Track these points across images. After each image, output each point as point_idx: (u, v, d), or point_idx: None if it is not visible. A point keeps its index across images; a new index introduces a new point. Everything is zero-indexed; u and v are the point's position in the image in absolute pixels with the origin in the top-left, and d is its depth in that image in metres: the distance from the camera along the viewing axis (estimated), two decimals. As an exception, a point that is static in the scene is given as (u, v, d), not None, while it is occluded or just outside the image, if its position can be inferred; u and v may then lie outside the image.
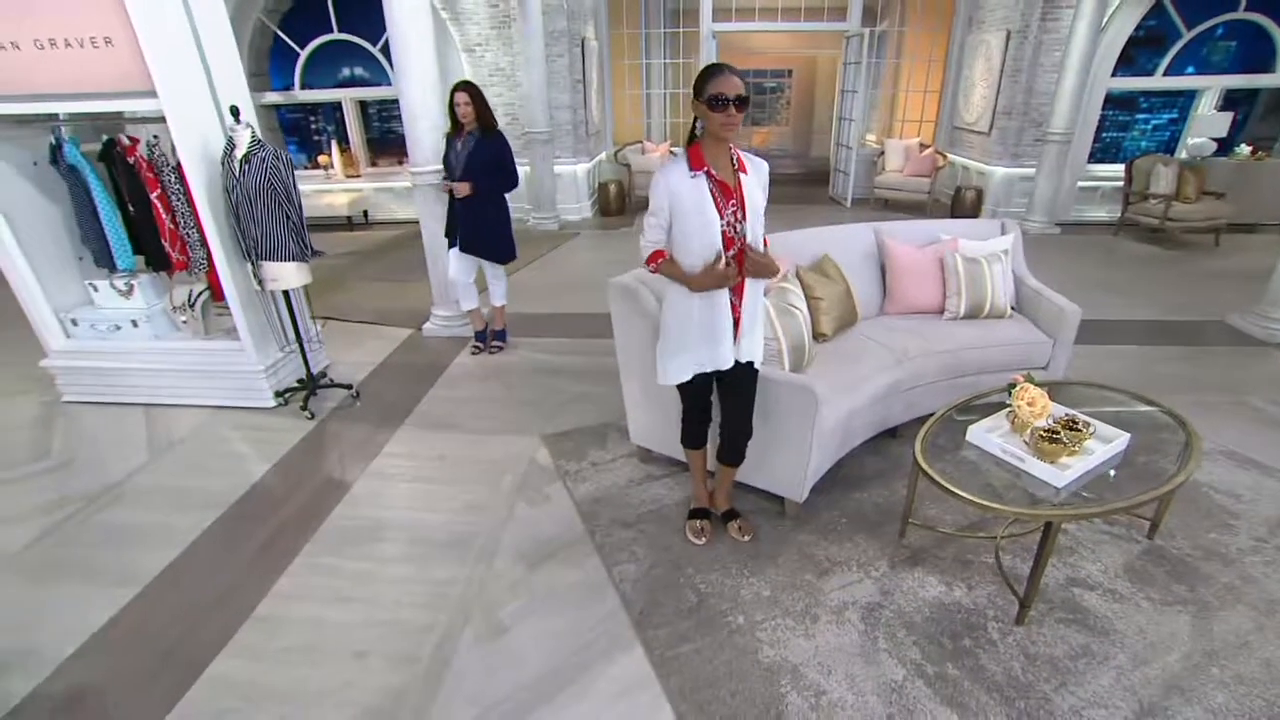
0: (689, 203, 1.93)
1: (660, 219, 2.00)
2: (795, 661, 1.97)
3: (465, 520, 2.69)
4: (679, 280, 2.03)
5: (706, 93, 1.84)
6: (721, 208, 1.94)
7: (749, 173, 1.99)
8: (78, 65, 2.90)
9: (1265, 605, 2.15)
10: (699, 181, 1.93)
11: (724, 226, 1.95)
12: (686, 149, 1.97)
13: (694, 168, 1.93)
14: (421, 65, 3.92)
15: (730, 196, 1.94)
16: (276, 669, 2.04)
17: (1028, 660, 1.97)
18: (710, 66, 1.88)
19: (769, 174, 2.07)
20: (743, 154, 2.01)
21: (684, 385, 2.23)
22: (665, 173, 1.96)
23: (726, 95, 1.82)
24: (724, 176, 1.95)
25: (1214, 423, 3.23)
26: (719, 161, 1.95)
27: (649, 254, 2.07)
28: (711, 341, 2.08)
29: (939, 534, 2.48)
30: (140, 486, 3.01)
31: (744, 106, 1.86)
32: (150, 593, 2.36)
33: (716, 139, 1.91)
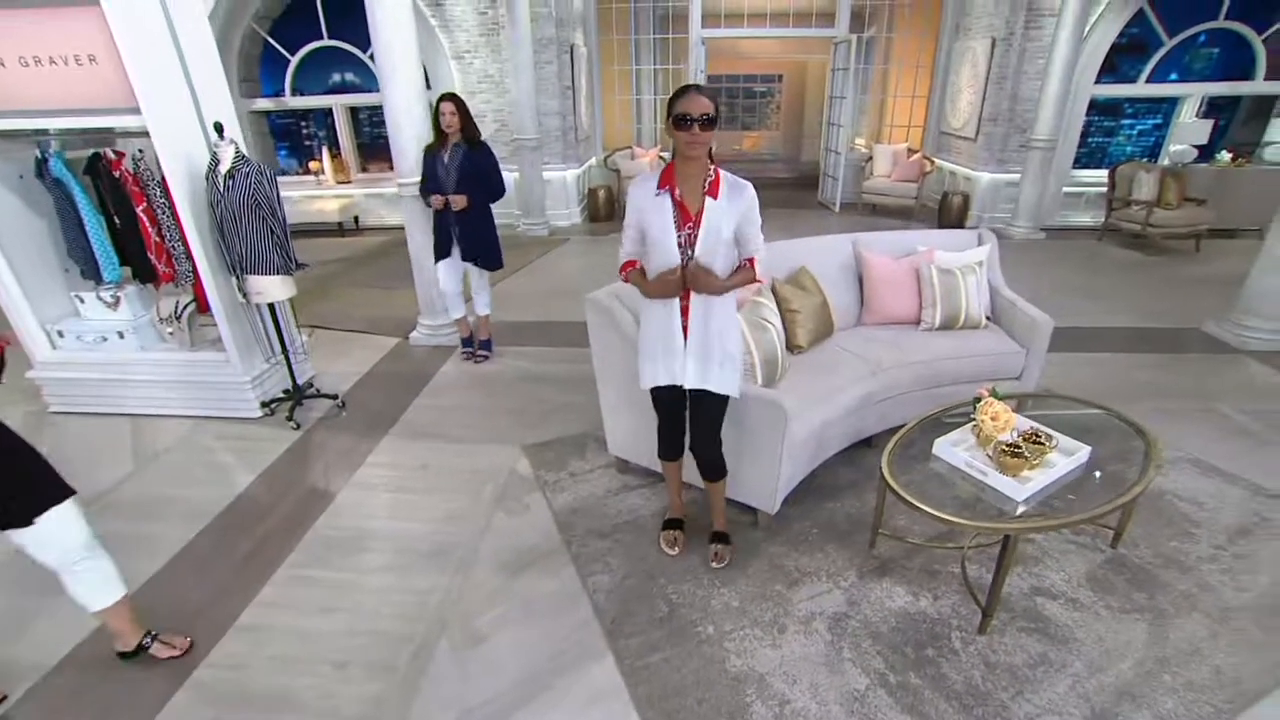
0: (650, 219, 1.99)
1: (633, 231, 2.07)
2: (761, 671, 2.03)
3: (446, 530, 2.74)
4: (640, 289, 2.11)
5: (673, 112, 1.87)
6: (678, 228, 1.97)
7: (721, 198, 1.95)
8: (62, 82, 2.93)
9: (1219, 613, 2.22)
10: (662, 200, 1.97)
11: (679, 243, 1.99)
12: (664, 167, 2.01)
13: (660, 186, 1.97)
14: (406, 76, 3.97)
15: (688, 219, 1.96)
16: (259, 678, 2.09)
17: (988, 669, 2.03)
18: (681, 88, 1.89)
19: (753, 198, 2.00)
20: (725, 177, 1.98)
21: (654, 396, 2.28)
22: (636, 186, 2.03)
23: (691, 115, 1.83)
24: (687, 199, 1.96)
25: (1182, 430, 3.30)
26: (688, 183, 1.96)
27: (622, 263, 2.14)
28: (667, 353, 2.13)
29: (908, 544, 2.54)
30: (125, 497, 3.05)
31: (710, 126, 1.85)
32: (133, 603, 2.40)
33: (687, 159, 1.93)
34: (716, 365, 2.11)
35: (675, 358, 2.12)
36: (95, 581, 2.00)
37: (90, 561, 1.98)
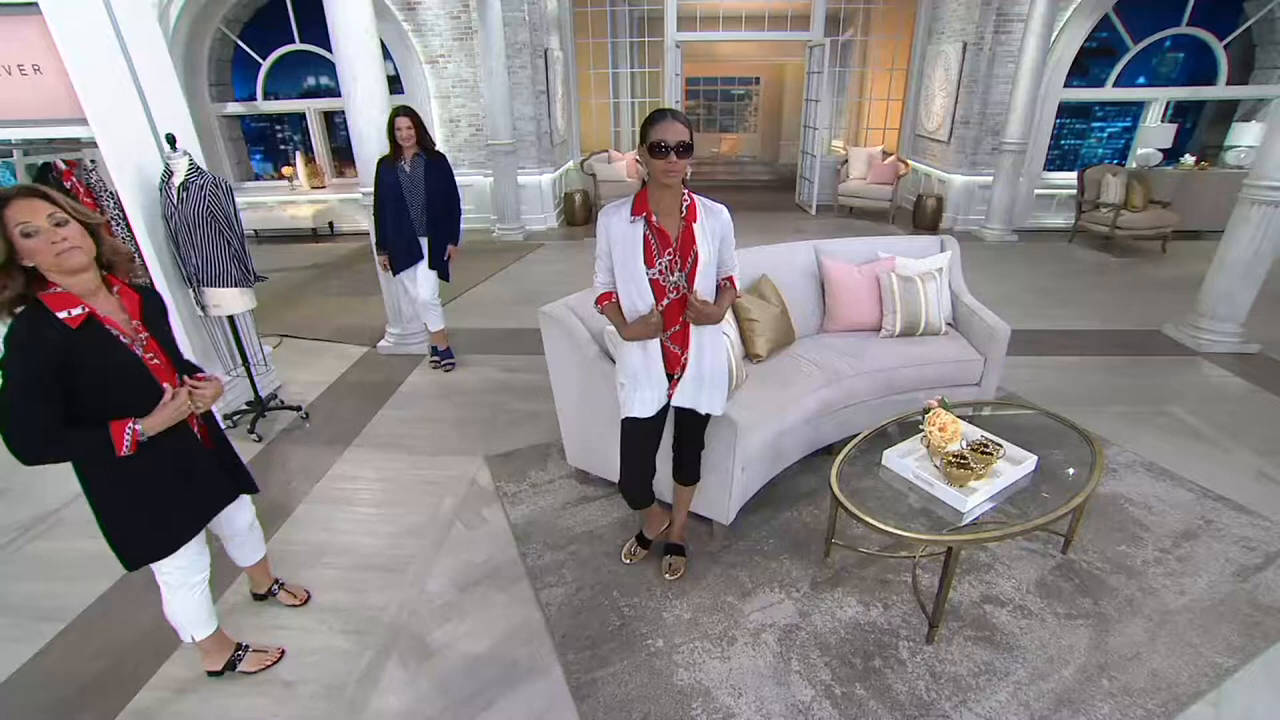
0: (622, 248, 1.92)
1: (604, 261, 2.00)
2: (708, 684, 2.04)
3: (403, 544, 2.72)
4: (617, 326, 2.05)
5: (649, 139, 1.81)
6: (654, 256, 1.91)
7: (700, 221, 1.92)
8: (7, 92, 2.88)
9: (1159, 616, 2.26)
10: (636, 227, 1.90)
11: (654, 275, 1.92)
12: (637, 192, 1.94)
13: (635, 212, 1.90)
14: (369, 88, 3.94)
15: (668, 245, 1.91)
16: (201, 702, 2.06)
17: (932, 679, 2.05)
18: (654, 112, 1.83)
19: (729, 221, 1.98)
20: (700, 201, 1.95)
21: (629, 427, 2.17)
22: (607, 214, 1.95)
23: (667, 142, 1.78)
24: (666, 224, 1.90)
25: (1136, 434, 3.36)
26: (664, 206, 1.90)
27: (598, 295, 2.08)
28: (649, 385, 2.06)
29: (861, 554, 2.56)
30: (77, 514, 2.99)
31: (687, 153, 1.81)
32: (78, 624, 2.37)
33: (662, 186, 1.86)
34: (708, 387, 2.08)
35: (656, 389, 2.06)
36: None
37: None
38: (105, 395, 1.56)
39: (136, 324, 1.64)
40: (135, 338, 1.63)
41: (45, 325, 1.47)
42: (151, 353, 1.66)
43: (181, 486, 1.77)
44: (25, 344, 1.45)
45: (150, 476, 1.68)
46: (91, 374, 1.52)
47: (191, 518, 1.83)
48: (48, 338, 1.46)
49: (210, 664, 2.11)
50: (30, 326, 1.47)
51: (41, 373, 1.45)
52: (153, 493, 1.71)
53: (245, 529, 2.16)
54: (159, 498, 1.73)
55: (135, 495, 1.69)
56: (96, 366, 1.53)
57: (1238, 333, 4.39)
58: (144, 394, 1.62)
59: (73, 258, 1.47)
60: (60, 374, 1.47)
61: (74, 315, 1.50)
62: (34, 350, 1.45)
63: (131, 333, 1.62)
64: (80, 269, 1.51)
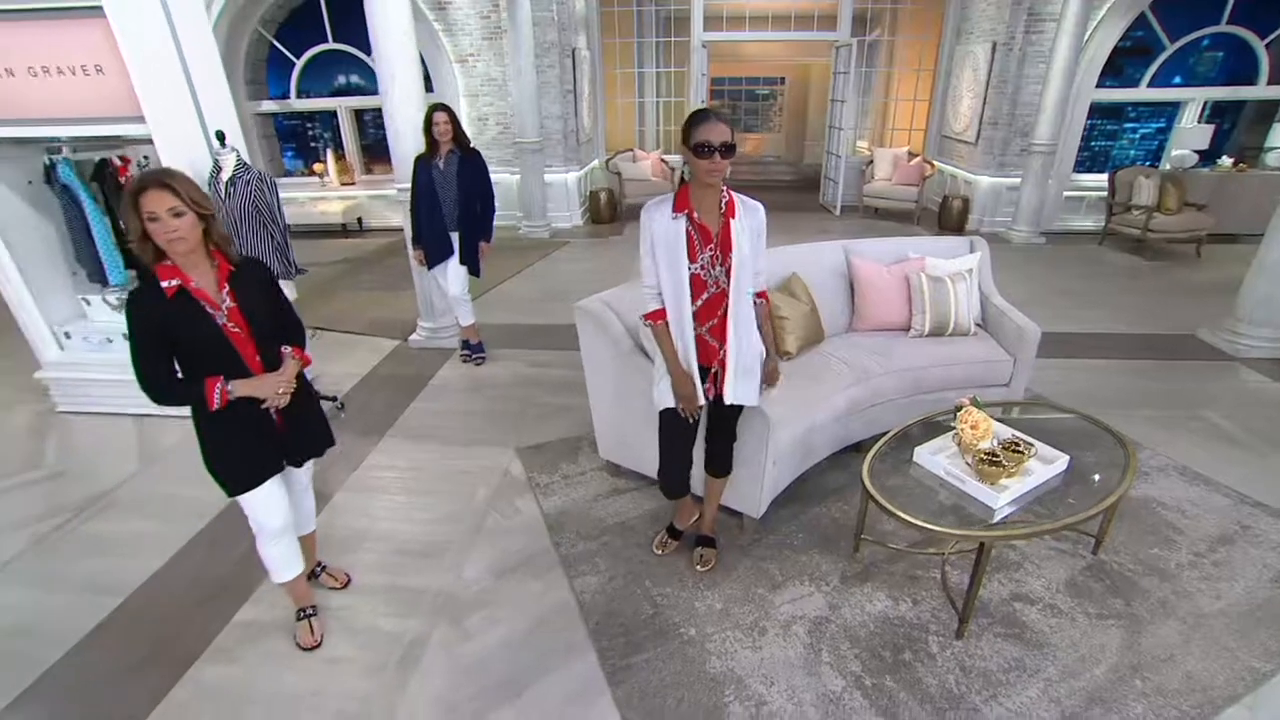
0: (665, 243, 1.97)
1: (648, 260, 2.03)
2: (740, 673, 2.08)
3: (439, 531, 2.80)
4: (663, 350, 2.09)
5: (693, 139, 1.85)
6: (696, 251, 1.96)
7: (738, 217, 1.98)
8: (70, 92, 3.01)
9: (1194, 619, 2.25)
10: (679, 223, 1.95)
11: (696, 270, 1.97)
12: (676, 190, 2.00)
13: (676, 209, 1.95)
14: (406, 85, 4.03)
15: (709, 240, 1.96)
16: (254, 673, 2.16)
17: (963, 673, 2.07)
18: (697, 112, 1.87)
19: (764, 219, 2.04)
20: (738, 198, 2.00)
21: (667, 418, 2.22)
22: (649, 211, 2.00)
23: (711, 143, 1.82)
24: (706, 220, 1.96)
25: (1169, 438, 3.33)
26: (704, 204, 1.95)
27: (651, 309, 2.09)
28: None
29: (891, 550, 2.58)
30: (130, 495, 3.13)
31: (729, 153, 1.85)
32: (135, 598, 2.48)
33: (705, 185, 1.92)
34: (744, 378, 2.12)
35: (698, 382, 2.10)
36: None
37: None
38: (194, 356, 1.81)
39: (225, 294, 1.80)
40: (220, 308, 1.79)
41: (149, 294, 1.74)
42: (234, 322, 1.82)
43: (257, 436, 1.97)
44: (131, 309, 1.73)
45: (234, 423, 1.89)
46: (183, 337, 1.77)
47: (263, 464, 2.01)
48: (145, 304, 1.73)
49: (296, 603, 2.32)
50: (139, 294, 1.75)
51: (141, 333, 1.73)
52: (235, 436, 1.93)
53: (302, 490, 2.31)
54: (240, 441, 1.94)
55: (223, 435, 1.93)
56: (187, 332, 1.76)
57: (1277, 338, 4.31)
58: (224, 359, 1.83)
59: (177, 245, 1.70)
60: (160, 335, 1.74)
61: (170, 286, 1.73)
62: (136, 315, 1.73)
63: (218, 303, 1.79)
64: (185, 252, 1.72)
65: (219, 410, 1.82)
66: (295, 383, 1.98)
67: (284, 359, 1.97)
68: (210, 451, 1.95)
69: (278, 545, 2.13)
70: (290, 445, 2.08)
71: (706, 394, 2.12)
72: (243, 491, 2.00)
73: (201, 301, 1.76)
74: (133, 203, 1.64)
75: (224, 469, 1.97)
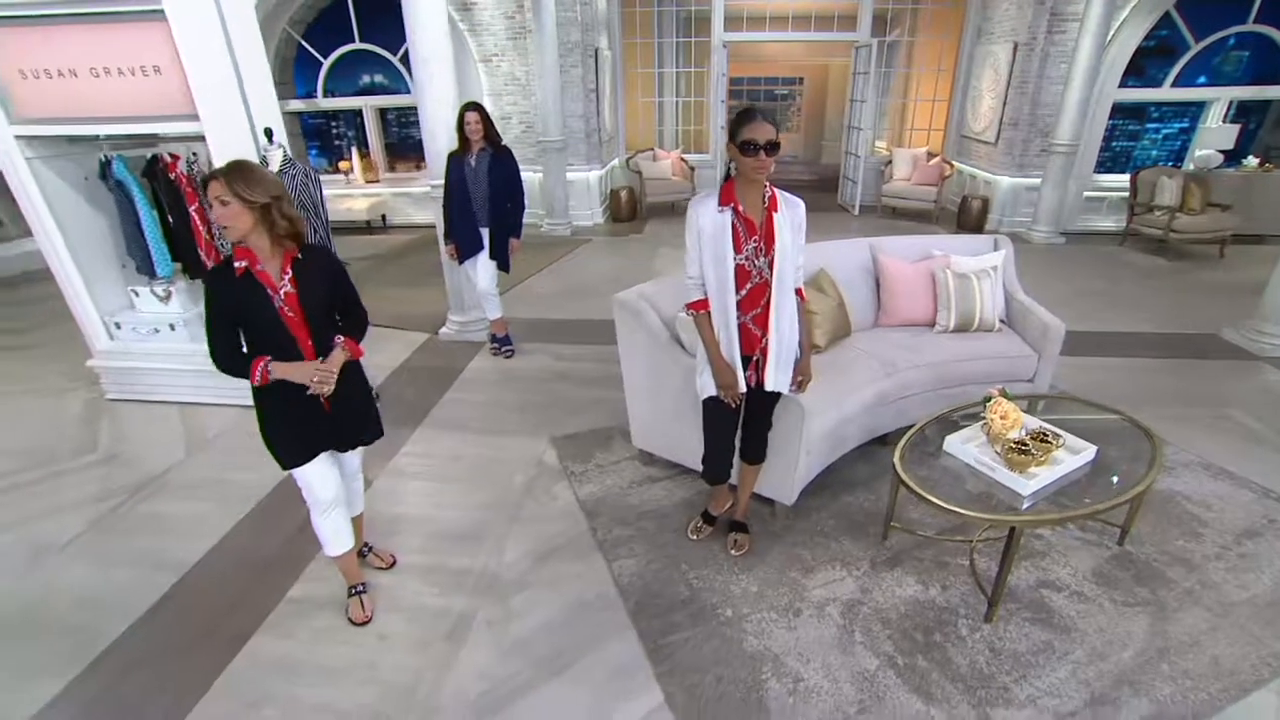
0: (712, 235, 2.05)
1: (694, 252, 2.12)
2: (777, 651, 2.16)
3: (478, 517, 2.90)
4: (704, 340, 2.18)
5: (739, 138, 1.93)
6: (741, 242, 2.04)
7: (780, 211, 2.06)
8: (128, 91, 3.14)
9: (1221, 608, 2.30)
10: (724, 216, 2.03)
11: (741, 260, 2.05)
12: (722, 184, 2.09)
13: (723, 203, 2.04)
14: (441, 84, 4.14)
15: (754, 232, 2.05)
16: (308, 646, 2.26)
17: (992, 654, 2.14)
18: (743, 111, 1.96)
19: (804, 214, 2.13)
20: (780, 193, 2.09)
21: (711, 406, 2.32)
22: (695, 206, 2.09)
23: (757, 142, 1.91)
24: (751, 213, 2.04)
25: (1193, 435, 3.36)
26: (749, 199, 2.04)
27: (694, 299, 2.18)
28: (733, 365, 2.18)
29: (919, 537, 2.65)
30: (179, 479, 3.25)
31: (774, 151, 1.93)
32: (191, 576, 2.60)
33: (750, 181, 2.01)
34: (785, 367, 2.20)
35: (736, 367, 2.17)
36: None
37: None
38: (255, 334, 1.94)
39: (287, 280, 1.91)
40: (279, 292, 1.90)
41: (223, 272, 1.89)
42: (290, 307, 1.92)
43: (306, 417, 2.07)
44: (207, 284, 1.92)
45: (285, 402, 2.01)
46: (247, 315, 1.91)
47: (312, 443, 2.13)
48: (218, 280, 1.89)
49: (347, 580, 2.43)
50: (216, 271, 1.92)
51: (213, 306, 1.90)
52: (286, 415, 2.06)
53: (352, 474, 2.41)
54: (291, 420, 2.07)
55: (275, 413, 2.06)
56: (249, 310, 1.90)
57: (1303, 337, 4.32)
58: (279, 340, 1.94)
59: (228, 232, 1.84)
60: (227, 311, 1.90)
61: (240, 266, 1.87)
62: (210, 289, 1.91)
63: (278, 287, 1.90)
64: (238, 237, 1.85)
65: (273, 390, 1.95)
66: (338, 372, 2.01)
67: (334, 348, 2.04)
68: (266, 427, 2.08)
69: (328, 518, 2.24)
70: (338, 430, 2.18)
71: (748, 381, 2.20)
72: (294, 465, 2.12)
73: (263, 283, 1.88)
74: (204, 191, 1.82)
75: (278, 444, 2.09)
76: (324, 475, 2.17)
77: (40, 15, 2.98)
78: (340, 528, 2.29)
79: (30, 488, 3.17)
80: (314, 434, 2.11)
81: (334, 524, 2.26)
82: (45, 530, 2.85)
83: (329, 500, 2.21)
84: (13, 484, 3.20)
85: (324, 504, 2.20)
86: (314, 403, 2.05)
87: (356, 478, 2.46)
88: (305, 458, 2.11)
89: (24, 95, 3.20)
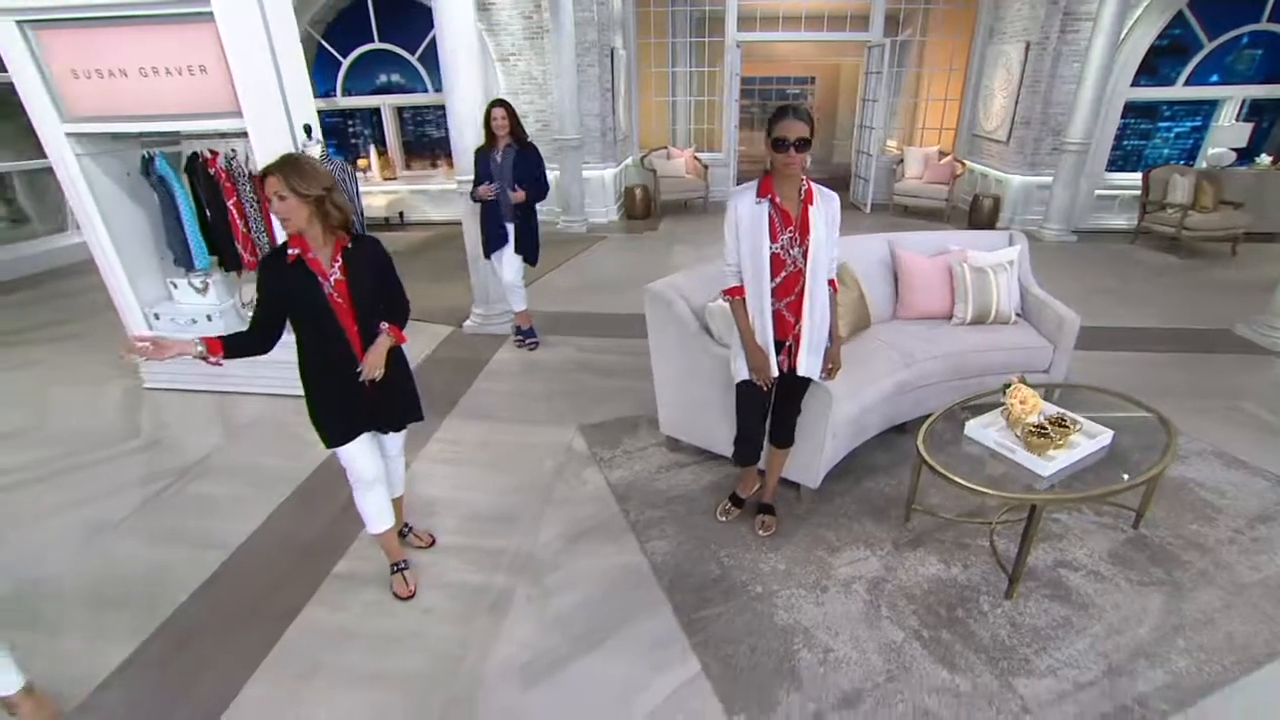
0: (750, 225, 2.17)
1: (731, 242, 2.23)
2: (807, 624, 2.26)
3: (511, 500, 3.00)
4: (739, 325, 2.29)
5: (772, 135, 2.05)
6: (777, 232, 2.15)
7: (816, 204, 2.16)
8: (174, 90, 3.27)
9: (1234, 588, 2.39)
10: (762, 208, 2.14)
11: (777, 250, 2.16)
12: (761, 177, 2.19)
13: (761, 195, 2.15)
14: (469, 82, 4.26)
15: (789, 223, 2.15)
16: (357, 618, 2.38)
17: (1013, 628, 2.23)
18: (778, 109, 2.06)
19: (839, 207, 2.22)
20: (815, 187, 2.18)
21: (744, 390, 2.41)
22: (735, 197, 2.21)
23: (787, 139, 2.02)
24: (787, 205, 2.15)
25: (1206, 425, 3.44)
26: (785, 191, 2.15)
27: (730, 285, 2.30)
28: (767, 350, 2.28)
29: (940, 519, 2.74)
30: (221, 464, 3.38)
31: (805, 148, 2.03)
32: (240, 553, 2.71)
33: (784, 176, 2.12)
34: (816, 353, 2.31)
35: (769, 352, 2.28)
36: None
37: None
38: (304, 318, 2.04)
39: (337, 268, 2.01)
40: (329, 279, 2.00)
41: (276, 258, 2.00)
42: (339, 293, 2.02)
43: (349, 399, 2.16)
44: (260, 268, 2.03)
45: (331, 386, 2.13)
46: (297, 301, 2.01)
47: (355, 424, 2.22)
48: (271, 265, 2.01)
49: (389, 557, 2.53)
50: (269, 257, 2.03)
51: (263, 288, 2.02)
52: (331, 397, 2.16)
53: (393, 455, 2.50)
54: (335, 402, 2.17)
55: (321, 395, 2.17)
56: (299, 296, 2.00)
57: (1314, 332, 4.38)
58: (327, 325, 2.03)
59: (286, 225, 1.95)
60: (276, 293, 2.01)
61: (292, 253, 1.98)
62: (262, 272, 2.02)
63: (328, 274, 2.00)
64: (296, 229, 1.95)
65: (321, 374, 2.11)
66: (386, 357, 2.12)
67: (379, 335, 2.13)
68: (314, 408, 2.19)
69: (370, 496, 2.35)
70: (381, 412, 2.27)
71: (780, 366, 2.30)
72: (338, 444, 2.22)
73: (314, 271, 1.98)
74: (260, 186, 1.91)
75: (323, 423, 2.20)
76: (366, 455, 2.27)
77: (96, 18, 3.11)
78: (383, 506, 2.40)
79: (83, 470, 3.30)
80: (358, 416, 2.21)
81: (376, 502, 2.37)
82: (100, 510, 2.98)
83: (370, 479, 2.31)
84: (69, 465, 3.34)
85: (366, 482, 2.31)
86: (358, 386, 2.14)
87: (398, 459, 2.56)
88: (348, 437, 2.22)
89: (75, 95, 3.33)
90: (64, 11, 3.09)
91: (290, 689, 2.10)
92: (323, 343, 2.05)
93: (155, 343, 1.91)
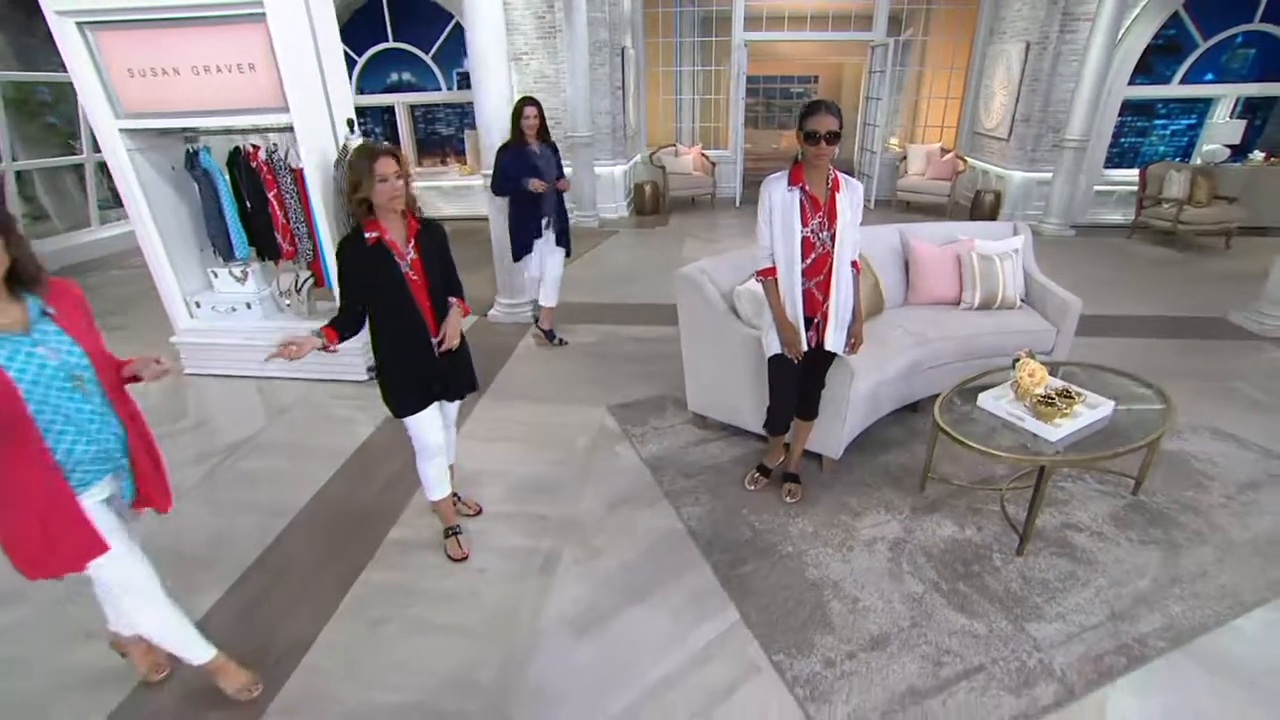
0: (781, 211, 2.36)
1: (765, 227, 2.42)
2: (835, 579, 2.45)
3: (550, 472, 3.19)
4: (770, 303, 2.48)
5: (804, 128, 2.23)
6: (808, 217, 2.34)
7: (842, 192, 2.35)
8: (224, 87, 3.44)
9: (1226, 546, 2.59)
10: (794, 195, 2.33)
11: (808, 233, 2.35)
12: (792, 166, 2.36)
13: (792, 183, 2.33)
14: (497, 82, 4.44)
15: (818, 209, 2.34)
16: (416, 578, 2.56)
17: (1024, 581, 2.43)
18: (810, 104, 2.25)
19: (862, 195, 2.42)
20: (842, 176, 2.37)
21: (776, 363, 2.59)
22: (768, 184, 2.39)
23: (818, 132, 2.21)
24: (816, 192, 2.34)
25: (1201, 404, 3.64)
26: (814, 180, 2.34)
27: (763, 266, 2.48)
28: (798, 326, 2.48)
29: (954, 486, 2.94)
30: (268, 443, 3.56)
31: (834, 141, 2.22)
32: (299, 519, 2.90)
33: (814, 166, 2.30)
34: (842, 329, 2.50)
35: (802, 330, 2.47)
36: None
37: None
38: (382, 296, 2.21)
39: (411, 247, 2.21)
40: (405, 258, 2.19)
41: (355, 241, 2.16)
42: (415, 271, 2.21)
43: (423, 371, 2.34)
44: (340, 252, 2.18)
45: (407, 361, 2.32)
46: (377, 280, 2.18)
47: (425, 394, 2.41)
48: (351, 248, 2.16)
49: (444, 522, 2.71)
50: (347, 240, 2.18)
51: (345, 271, 2.19)
52: (407, 371, 2.34)
53: (450, 422, 2.69)
54: (410, 376, 2.35)
55: (397, 371, 2.34)
56: (379, 275, 2.17)
57: (1304, 318, 4.58)
58: (403, 301, 2.21)
59: (396, 202, 2.13)
60: (358, 274, 2.18)
61: (371, 237, 2.15)
62: (343, 256, 2.17)
63: (404, 254, 2.19)
64: (399, 209, 2.16)
65: (396, 348, 2.28)
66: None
67: (450, 308, 2.35)
68: (387, 381, 2.37)
69: (433, 464, 2.53)
70: (449, 381, 2.47)
71: (809, 341, 2.49)
72: (410, 414, 2.40)
73: (392, 251, 2.17)
74: (368, 167, 2.05)
75: (395, 397, 2.39)
76: (434, 423, 2.46)
77: (155, 19, 3.28)
78: (443, 474, 2.58)
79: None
80: (429, 386, 2.41)
81: (438, 469, 2.56)
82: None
83: (437, 446, 2.50)
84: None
85: (432, 450, 2.49)
86: (432, 358, 2.34)
87: (453, 428, 2.74)
88: (419, 406, 2.40)
89: (129, 93, 3.50)
90: (124, 14, 3.26)
91: (365, 635, 2.28)
92: (400, 318, 2.23)
93: (295, 343, 2.06)
